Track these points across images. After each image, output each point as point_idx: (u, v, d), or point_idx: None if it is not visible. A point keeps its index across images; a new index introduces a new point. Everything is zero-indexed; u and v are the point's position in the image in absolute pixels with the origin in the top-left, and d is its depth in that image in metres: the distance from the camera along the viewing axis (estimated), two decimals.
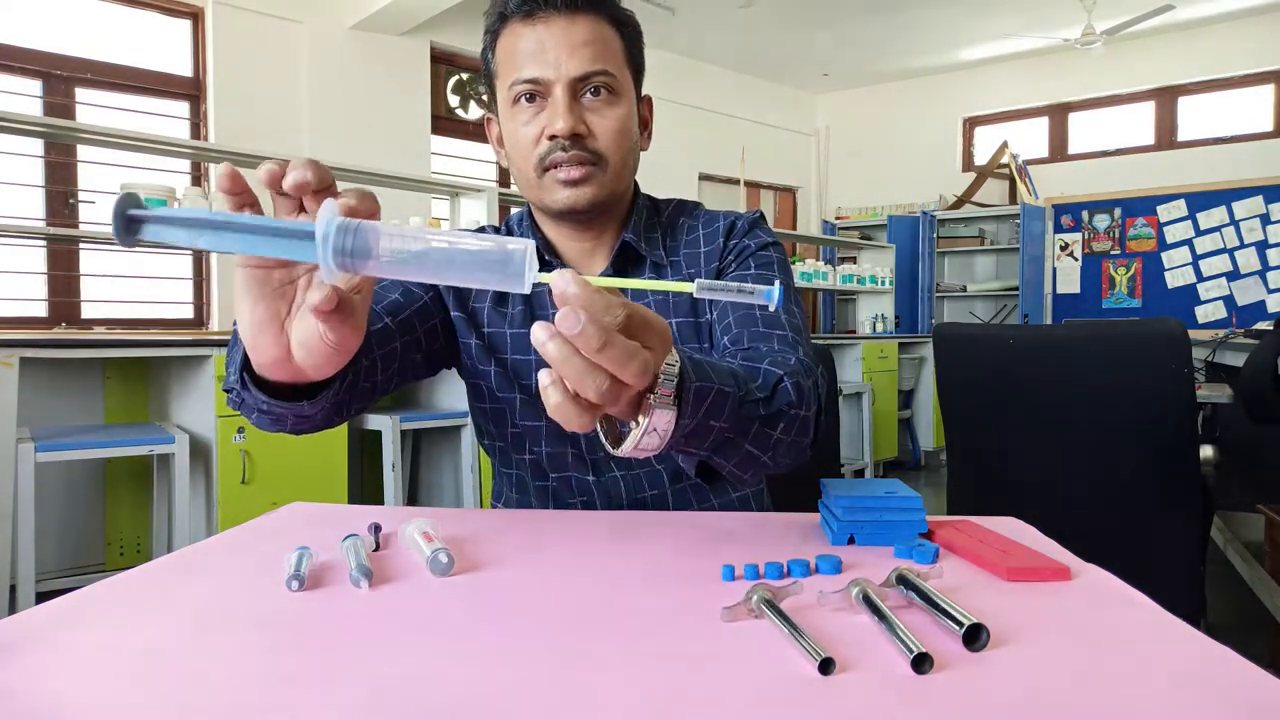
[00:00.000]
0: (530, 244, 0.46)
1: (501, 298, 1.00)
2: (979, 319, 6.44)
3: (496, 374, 1.00)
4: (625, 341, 0.48)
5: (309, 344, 0.55)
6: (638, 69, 0.96)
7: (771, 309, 0.69)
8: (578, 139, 0.88)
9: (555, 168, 0.89)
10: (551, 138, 0.88)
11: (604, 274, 0.95)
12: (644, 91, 0.99)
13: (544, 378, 0.50)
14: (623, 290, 0.51)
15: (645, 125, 0.99)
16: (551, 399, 0.50)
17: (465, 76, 5.18)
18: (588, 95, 0.89)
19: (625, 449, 0.58)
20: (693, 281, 0.51)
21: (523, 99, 0.90)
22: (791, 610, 0.54)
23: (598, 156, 0.90)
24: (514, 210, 1.28)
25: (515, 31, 0.90)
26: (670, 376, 0.57)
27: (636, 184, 1.01)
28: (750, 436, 0.69)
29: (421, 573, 0.66)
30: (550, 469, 0.99)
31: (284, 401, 0.67)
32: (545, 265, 0.96)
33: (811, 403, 0.76)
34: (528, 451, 1.00)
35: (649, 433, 0.57)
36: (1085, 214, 6.02)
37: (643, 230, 0.98)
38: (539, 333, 0.47)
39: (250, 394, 0.66)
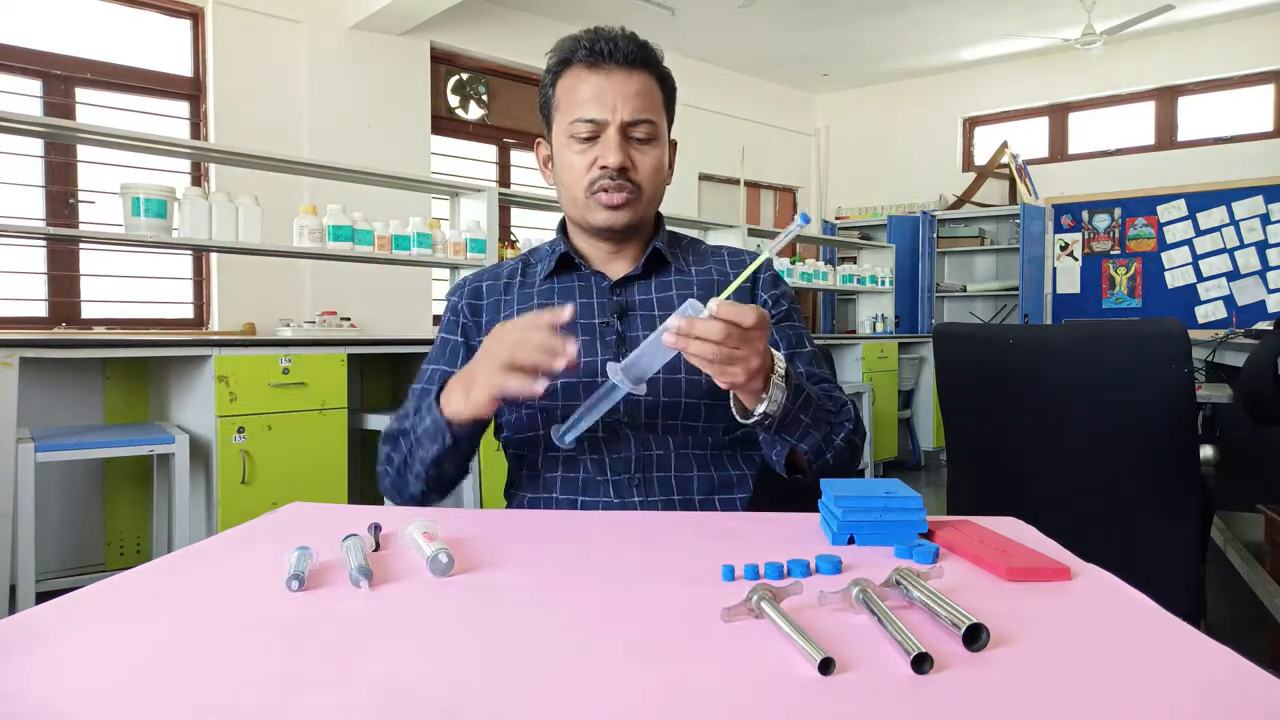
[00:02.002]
0: (694, 301, 0.82)
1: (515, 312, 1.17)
2: (979, 319, 6.44)
3: None
4: (733, 351, 0.81)
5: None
6: (671, 117, 1.15)
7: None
8: (623, 171, 1.06)
9: (603, 192, 1.07)
10: (603, 168, 1.06)
11: (633, 274, 1.13)
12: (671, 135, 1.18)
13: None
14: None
15: (670, 164, 1.17)
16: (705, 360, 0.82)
17: (465, 76, 5.18)
18: (634, 137, 1.07)
19: (756, 412, 0.91)
20: (763, 251, 0.89)
21: (581, 134, 1.06)
22: (791, 610, 0.54)
23: (637, 187, 1.08)
24: (520, 232, 1.42)
25: (578, 75, 1.07)
26: (781, 371, 0.91)
27: (659, 212, 1.20)
28: (821, 436, 0.99)
29: (421, 573, 0.66)
30: (563, 398, 1.07)
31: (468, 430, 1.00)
32: (574, 268, 1.15)
33: (861, 435, 1.06)
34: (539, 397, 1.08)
35: (771, 401, 0.90)
36: (1085, 214, 6.02)
37: (666, 245, 1.16)
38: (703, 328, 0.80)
39: (460, 434, 0.98)
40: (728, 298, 0.81)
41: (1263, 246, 5.45)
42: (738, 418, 0.93)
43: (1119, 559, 0.70)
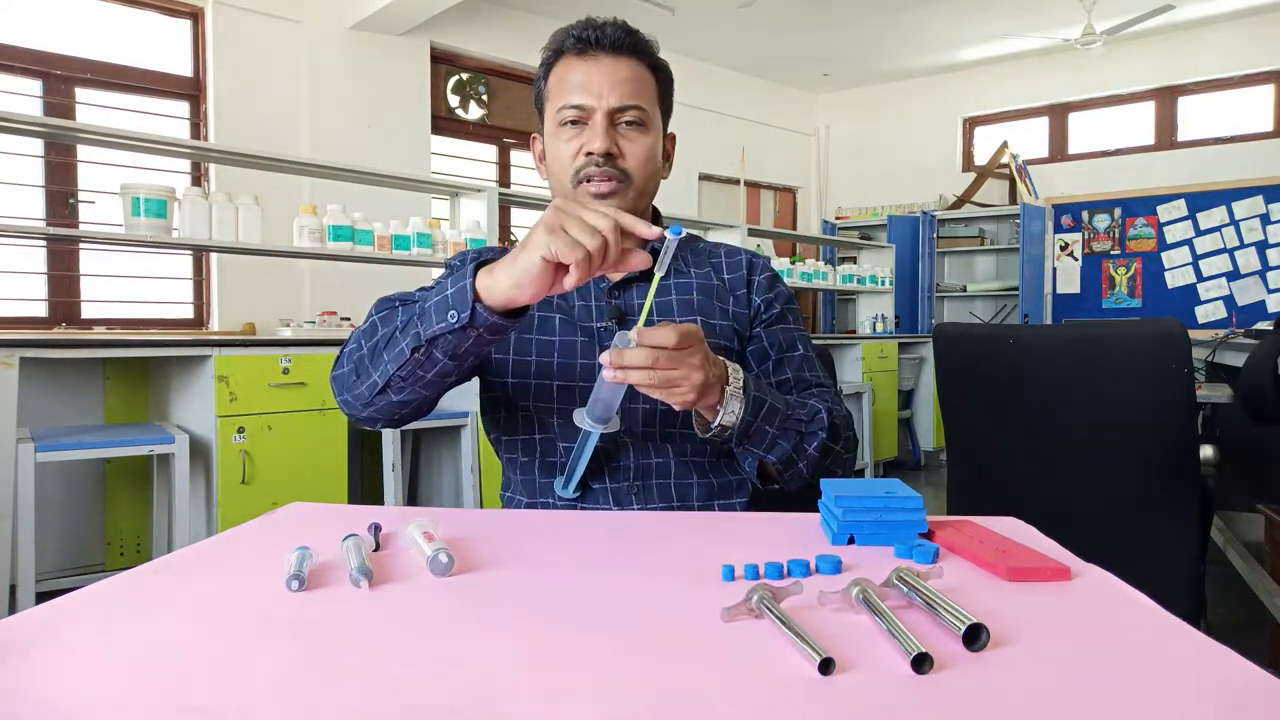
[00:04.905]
0: (621, 333, 0.81)
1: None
2: (979, 319, 6.44)
3: (501, 359, 1.08)
4: (668, 373, 0.81)
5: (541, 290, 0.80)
6: (667, 109, 1.12)
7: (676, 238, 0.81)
8: (610, 158, 1.03)
9: (588, 180, 1.03)
10: (588, 154, 1.03)
11: (631, 276, 1.10)
12: (669, 129, 1.15)
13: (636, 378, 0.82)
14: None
15: (667, 157, 1.14)
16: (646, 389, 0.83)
17: (465, 76, 5.18)
18: (623, 124, 1.04)
19: (714, 425, 0.89)
20: (656, 273, 0.82)
21: (568, 122, 1.04)
22: (791, 610, 0.54)
23: (625, 175, 1.04)
24: (520, 233, 1.35)
25: (568, 64, 1.05)
26: (737, 378, 0.89)
27: (656, 208, 1.16)
28: (791, 445, 0.97)
29: (421, 573, 0.66)
30: (558, 401, 1.06)
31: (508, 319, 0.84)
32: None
33: (842, 441, 1.02)
34: (533, 398, 1.07)
35: (727, 411, 0.89)
36: (1085, 214, 6.02)
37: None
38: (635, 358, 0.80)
39: (482, 316, 0.82)
40: (646, 323, 0.82)
41: (1263, 246, 5.45)
42: (699, 433, 0.93)
43: (1119, 559, 0.70)
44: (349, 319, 3.73)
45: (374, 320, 0.95)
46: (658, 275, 0.81)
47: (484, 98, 5.27)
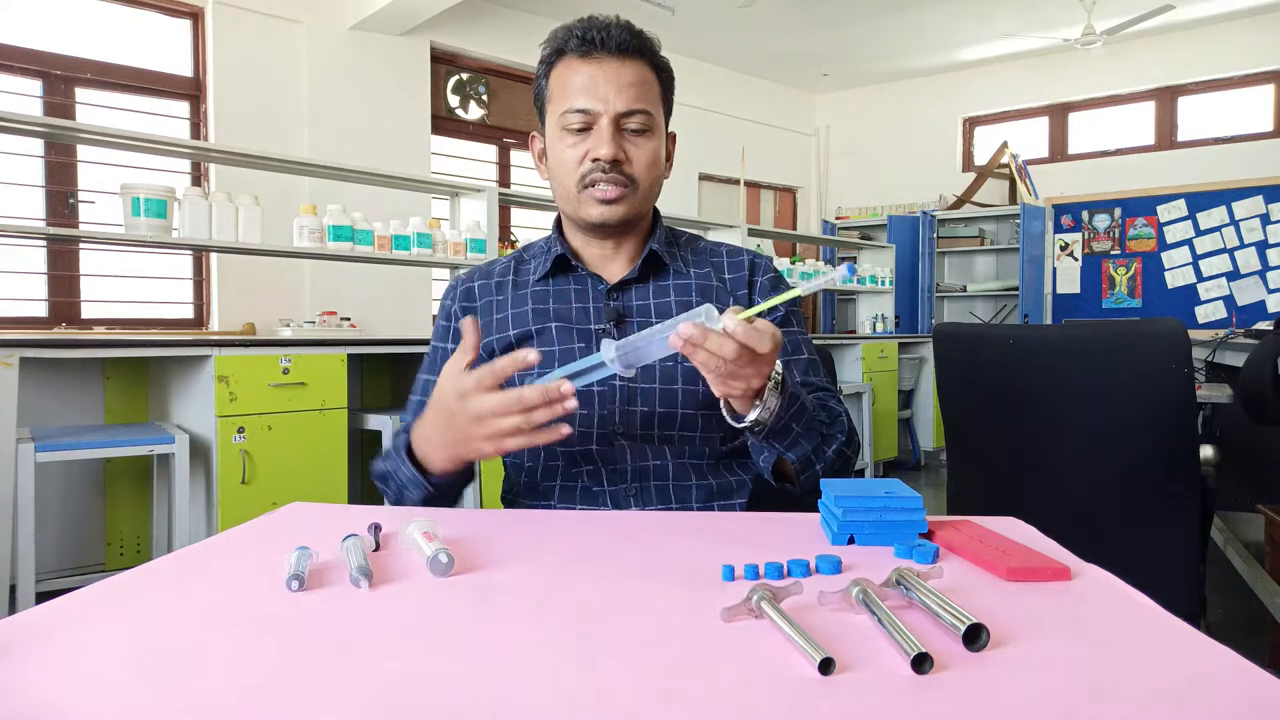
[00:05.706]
0: (710, 307, 0.77)
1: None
2: (979, 319, 6.44)
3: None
4: (738, 369, 0.79)
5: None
6: (668, 109, 1.12)
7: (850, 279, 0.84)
8: (616, 164, 1.03)
9: (594, 186, 1.03)
10: (595, 160, 1.02)
11: (630, 277, 1.10)
12: (669, 128, 1.15)
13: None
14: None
15: (669, 157, 1.14)
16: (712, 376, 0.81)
17: (465, 76, 5.19)
18: (629, 130, 1.04)
19: (748, 418, 0.88)
20: (798, 287, 0.80)
21: (573, 126, 1.03)
22: (791, 610, 0.54)
23: (631, 180, 1.04)
24: (520, 232, 1.37)
25: (571, 65, 1.04)
26: (777, 378, 0.87)
27: (657, 209, 1.16)
28: (812, 446, 0.96)
29: (421, 573, 0.66)
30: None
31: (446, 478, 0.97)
32: (570, 269, 1.12)
33: (854, 447, 1.03)
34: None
35: (765, 408, 0.87)
36: (1085, 214, 6.02)
37: (664, 244, 1.13)
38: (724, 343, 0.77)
39: (440, 481, 0.96)
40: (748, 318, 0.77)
41: (1263, 246, 5.44)
42: (728, 420, 0.91)
43: (1119, 559, 0.70)
44: (349, 319, 3.73)
45: (380, 487, 1.04)
46: (796, 292, 0.81)
47: (484, 98, 5.27)
